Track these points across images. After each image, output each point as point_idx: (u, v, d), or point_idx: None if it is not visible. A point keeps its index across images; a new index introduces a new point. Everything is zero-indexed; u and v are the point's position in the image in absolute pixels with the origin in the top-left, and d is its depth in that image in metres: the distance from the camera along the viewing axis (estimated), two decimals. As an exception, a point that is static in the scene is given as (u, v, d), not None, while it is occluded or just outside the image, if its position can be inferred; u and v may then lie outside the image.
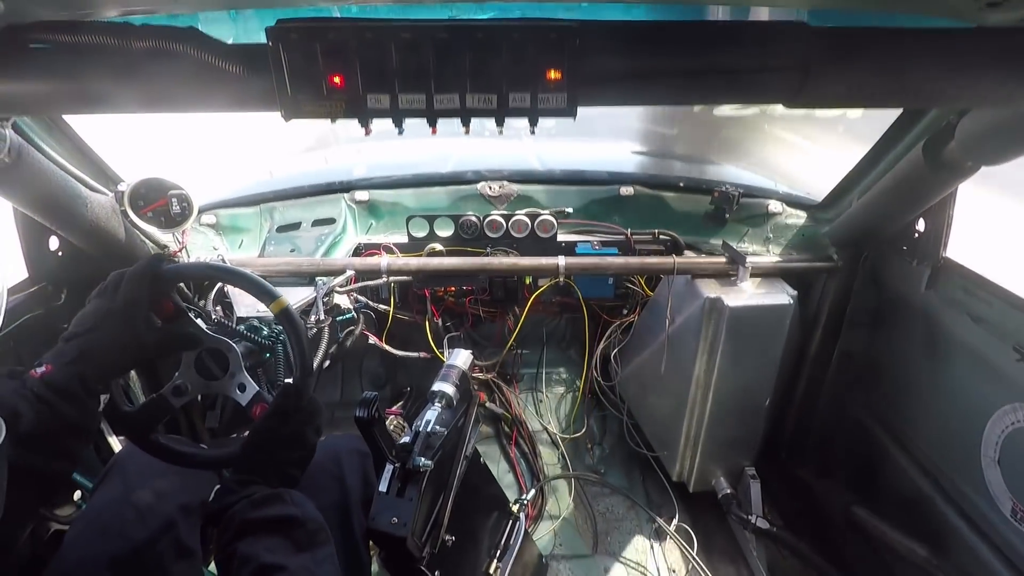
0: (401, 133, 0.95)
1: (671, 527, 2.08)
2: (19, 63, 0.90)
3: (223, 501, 1.02)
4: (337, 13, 0.99)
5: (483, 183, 2.20)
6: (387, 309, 2.21)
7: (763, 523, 1.91)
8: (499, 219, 2.08)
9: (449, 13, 1.03)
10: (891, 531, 1.70)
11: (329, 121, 0.94)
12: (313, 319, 1.90)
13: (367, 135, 0.95)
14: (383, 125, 0.97)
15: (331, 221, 2.12)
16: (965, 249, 1.65)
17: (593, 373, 2.37)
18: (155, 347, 1.11)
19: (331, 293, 1.96)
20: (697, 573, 1.93)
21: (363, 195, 2.17)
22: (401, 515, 1.22)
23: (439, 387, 1.45)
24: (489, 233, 2.09)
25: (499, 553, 1.67)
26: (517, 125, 0.97)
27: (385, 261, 1.95)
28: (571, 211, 2.16)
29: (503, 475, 2.28)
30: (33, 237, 1.53)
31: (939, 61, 0.91)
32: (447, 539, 1.36)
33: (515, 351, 2.58)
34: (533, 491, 2.18)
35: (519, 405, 2.48)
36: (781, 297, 1.83)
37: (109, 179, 1.67)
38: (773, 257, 1.99)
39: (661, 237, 2.12)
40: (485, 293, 2.28)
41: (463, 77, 0.89)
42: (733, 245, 1.98)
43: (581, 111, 0.95)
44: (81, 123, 1.53)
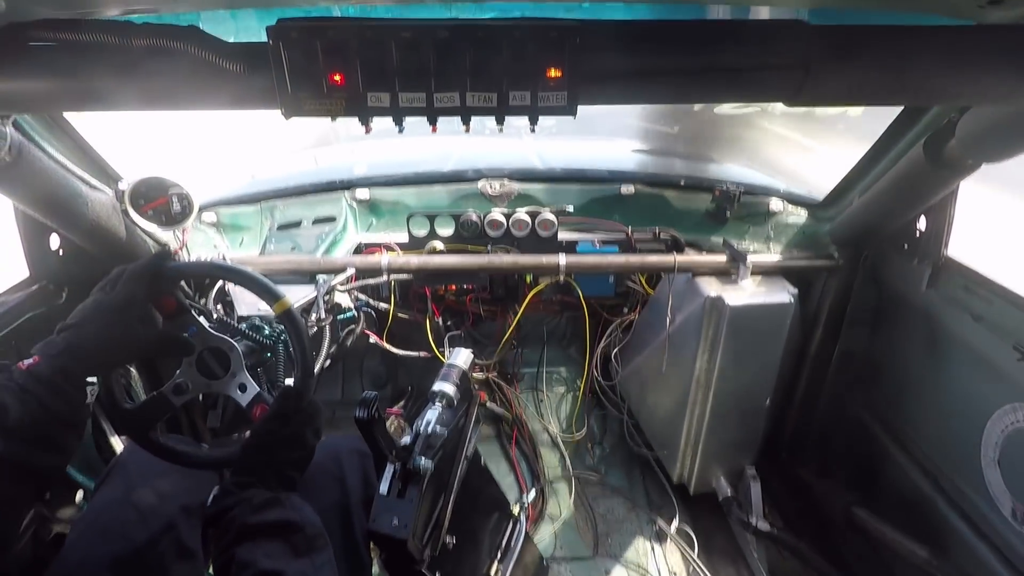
0: (401, 131, 0.95)
1: (672, 528, 2.07)
2: (20, 61, 0.90)
3: (222, 504, 1.01)
4: (338, 12, 0.99)
5: (483, 181, 2.20)
6: (388, 308, 2.21)
7: (764, 524, 1.91)
8: (500, 217, 2.07)
9: (449, 12, 1.03)
10: (891, 532, 1.70)
11: (329, 119, 0.94)
12: (314, 318, 1.90)
13: (367, 133, 0.95)
14: (384, 124, 0.97)
15: (332, 219, 2.12)
16: (965, 243, 1.65)
17: (594, 372, 2.37)
18: (149, 346, 1.11)
19: (332, 291, 1.96)
20: (698, 575, 1.93)
21: (364, 193, 2.16)
22: (402, 517, 1.21)
23: (440, 387, 1.45)
24: (490, 231, 2.09)
25: (500, 555, 1.67)
26: (518, 123, 0.97)
27: (386, 259, 1.95)
28: (572, 209, 2.16)
29: (503, 476, 2.27)
30: (34, 236, 1.54)
31: (939, 58, 0.91)
32: (448, 540, 1.36)
33: (515, 350, 2.58)
34: (533, 492, 2.18)
35: (520, 405, 2.48)
36: (782, 296, 1.82)
37: (110, 177, 1.67)
38: (774, 255, 1.98)
39: (662, 235, 2.12)
40: (486, 292, 2.28)
41: (463, 75, 0.89)
42: (734, 243, 1.97)
43: (582, 109, 0.95)
44: (81, 121, 1.53)
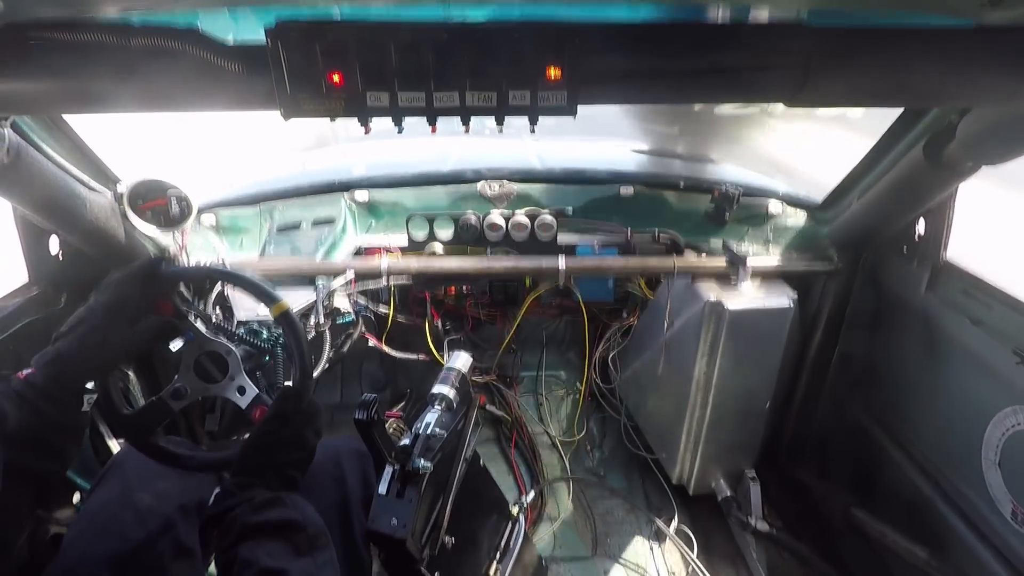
0: (401, 131, 0.95)
1: (671, 529, 2.07)
2: (18, 62, 0.89)
3: (223, 504, 1.01)
4: (337, 13, 0.99)
5: (483, 182, 2.19)
6: (387, 311, 2.20)
7: (763, 525, 1.91)
8: (499, 220, 2.07)
9: (449, 13, 1.03)
10: (891, 533, 1.69)
11: (329, 120, 0.94)
12: (313, 322, 1.90)
13: (367, 133, 0.95)
14: (383, 124, 0.97)
15: (331, 221, 2.11)
16: (964, 242, 1.64)
17: (593, 376, 2.37)
18: (142, 344, 1.11)
19: (331, 296, 1.95)
20: (697, 575, 1.92)
21: (363, 195, 2.16)
22: (401, 517, 1.21)
23: (439, 389, 1.45)
24: (489, 234, 2.08)
25: (499, 555, 1.67)
26: (517, 124, 0.97)
27: (385, 262, 1.95)
28: (571, 211, 2.15)
29: (503, 477, 2.27)
30: (33, 240, 1.53)
31: (939, 60, 0.91)
32: (447, 541, 1.36)
33: (515, 354, 2.58)
34: (533, 493, 2.17)
35: (519, 408, 2.47)
36: (782, 300, 1.82)
37: (108, 179, 1.67)
38: (773, 258, 1.98)
39: (661, 237, 2.12)
40: (485, 296, 2.28)
41: (463, 75, 0.89)
42: (733, 245, 1.97)
43: (581, 110, 0.95)
44: (80, 122, 1.53)
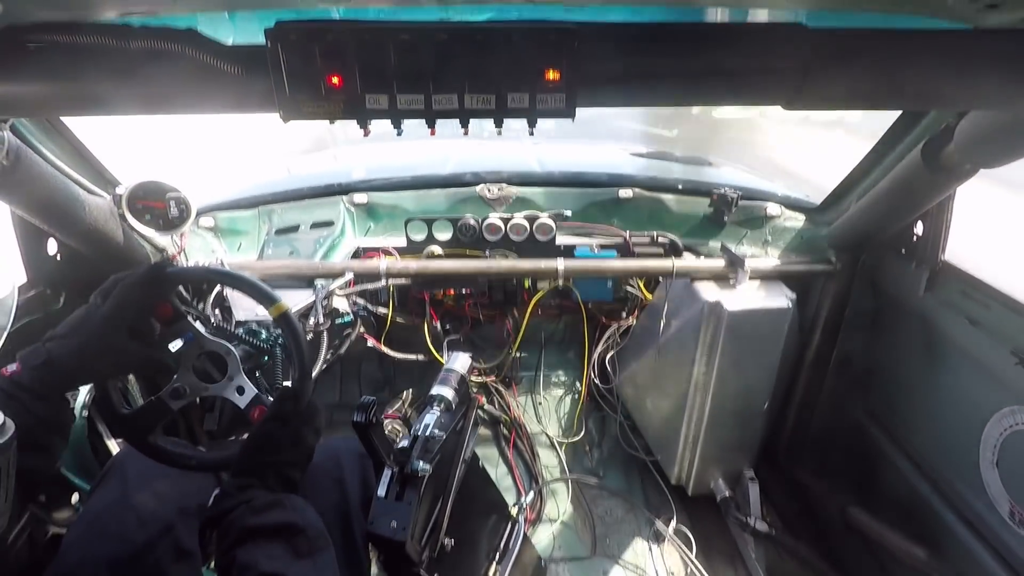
0: (400, 134, 0.95)
1: (670, 529, 2.07)
2: (17, 64, 0.89)
3: (222, 506, 1.01)
4: (336, 15, 0.99)
5: (482, 185, 2.20)
6: (386, 312, 2.20)
7: (762, 526, 1.91)
8: (498, 222, 2.07)
9: (448, 15, 1.03)
10: (890, 533, 1.70)
11: (328, 122, 0.94)
12: (312, 322, 1.90)
13: (366, 136, 0.95)
14: (382, 127, 0.97)
15: (329, 223, 2.11)
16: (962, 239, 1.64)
17: (592, 376, 2.37)
18: (136, 363, 1.12)
19: (330, 296, 1.95)
20: (696, 575, 1.93)
21: (362, 197, 2.16)
22: (400, 519, 1.21)
23: (438, 391, 1.45)
24: (488, 236, 2.08)
25: (498, 556, 1.67)
26: (516, 127, 0.97)
27: (384, 264, 1.95)
28: (570, 214, 2.16)
29: (502, 478, 2.27)
30: (31, 241, 1.53)
31: (938, 63, 0.91)
32: (446, 543, 1.36)
33: (514, 354, 2.58)
34: (532, 494, 2.17)
35: (518, 408, 2.47)
36: (780, 300, 1.83)
37: (107, 182, 1.66)
38: (772, 260, 1.99)
39: (660, 239, 2.12)
40: (484, 296, 2.28)
41: (462, 77, 0.89)
42: (732, 247, 1.98)
43: (581, 113, 0.95)
44: (79, 126, 1.53)
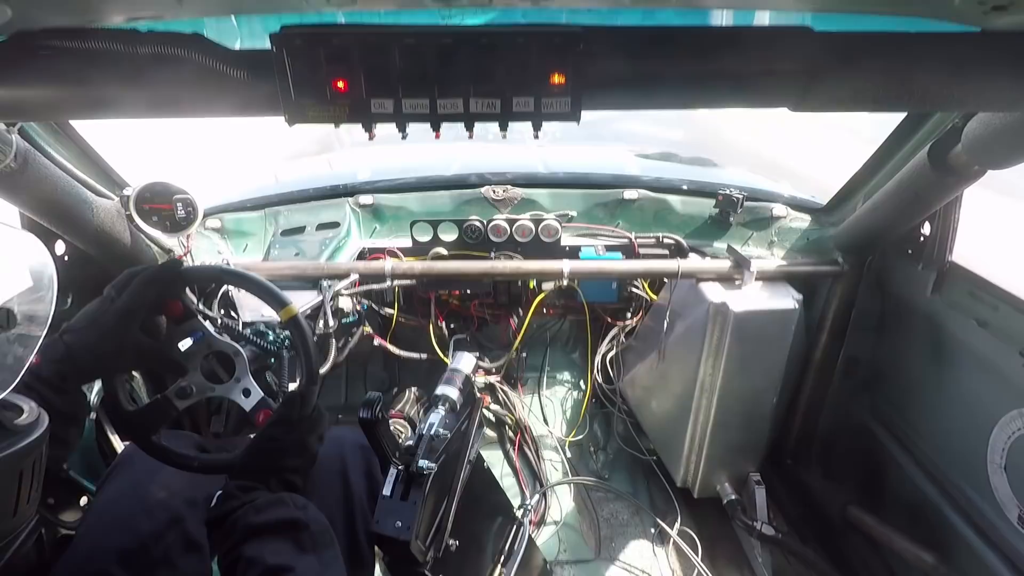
0: (405, 138, 0.95)
1: (675, 532, 2.06)
2: (27, 69, 0.90)
3: (225, 506, 1.02)
4: (342, 19, 1.00)
5: (487, 187, 2.20)
6: (391, 313, 2.21)
7: (768, 529, 1.90)
8: (503, 223, 2.07)
9: (453, 19, 1.03)
10: (897, 537, 1.69)
11: (333, 126, 0.94)
12: (321, 324, 1.91)
13: (371, 139, 0.95)
14: (387, 128, 0.97)
15: (335, 225, 2.12)
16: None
17: (596, 377, 2.37)
18: (149, 357, 1.15)
19: (336, 297, 1.96)
20: (702, 578, 1.92)
21: (367, 199, 2.17)
22: (405, 519, 1.21)
23: (443, 391, 1.46)
24: (493, 237, 2.08)
25: (503, 558, 1.67)
26: (522, 129, 0.97)
27: (389, 265, 1.95)
28: (575, 215, 2.16)
29: (506, 479, 2.27)
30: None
31: (945, 65, 0.91)
32: (451, 543, 1.36)
33: (519, 354, 2.58)
34: (536, 496, 2.17)
35: (523, 409, 2.47)
36: (787, 301, 1.82)
37: (115, 184, 1.68)
38: (778, 261, 1.98)
39: (665, 241, 2.12)
40: (490, 297, 2.28)
41: (467, 81, 0.89)
42: (737, 248, 1.97)
43: (585, 114, 0.95)
44: (87, 128, 1.54)
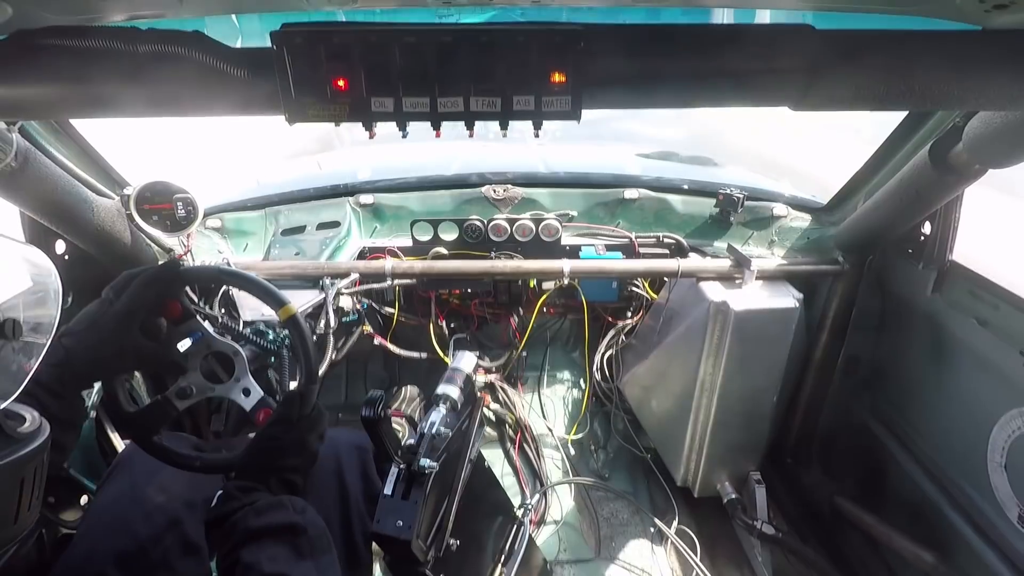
0: (405, 136, 0.95)
1: (675, 531, 2.06)
2: (27, 68, 0.90)
3: (225, 507, 1.02)
4: (342, 17, 0.99)
5: (487, 186, 2.20)
6: (392, 312, 2.21)
7: (768, 528, 1.90)
8: (503, 223, 2.07)
9: (453, 17, 1.03)
10: (897, 537, 1.69)
11: (333, 124, 0.94)
12: (322, 324, 1.91)
13: (371, 138, 0.95)
14: (387, 128, 0.97)
15: (336, 224, 2.12)
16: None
17: (596, 376, 2.37)
18: (149, 359, 1.13)
19: (337, 296, 1.96)
20: (702, 578, 1.92)
21: (367, 198, 2.17)
22: (406, 518, 1.21)
23: (443, 390, 1.45)
24: (493, 237, 2.08)
25: (503, 558, 1.67)
26: (522, 128, 0.97)
27: (390, 264, 1.95)
28: (575, 214, 2.16)
29: (507, 478, 2.27)
30: (40, 241, 1.54)
31: (946, 63, 0.90)
32: (452, 543, 1.36)
33: (519, 353, 2.58)
34: (537, 495, 2.17)
35: (523, 408, 2.47)
36: (787, 300, 1.82)
37: (115, 183, 1.68)
38: (778, 260, 1.98)
39: (665, 240, 2.12)
40: (490, 296, 2.28)
41: (467, 80, 0.89)
42: (738, 248, 1.97)
43: (586, 113, 0.95)
44: (88, 127, 1.54)
